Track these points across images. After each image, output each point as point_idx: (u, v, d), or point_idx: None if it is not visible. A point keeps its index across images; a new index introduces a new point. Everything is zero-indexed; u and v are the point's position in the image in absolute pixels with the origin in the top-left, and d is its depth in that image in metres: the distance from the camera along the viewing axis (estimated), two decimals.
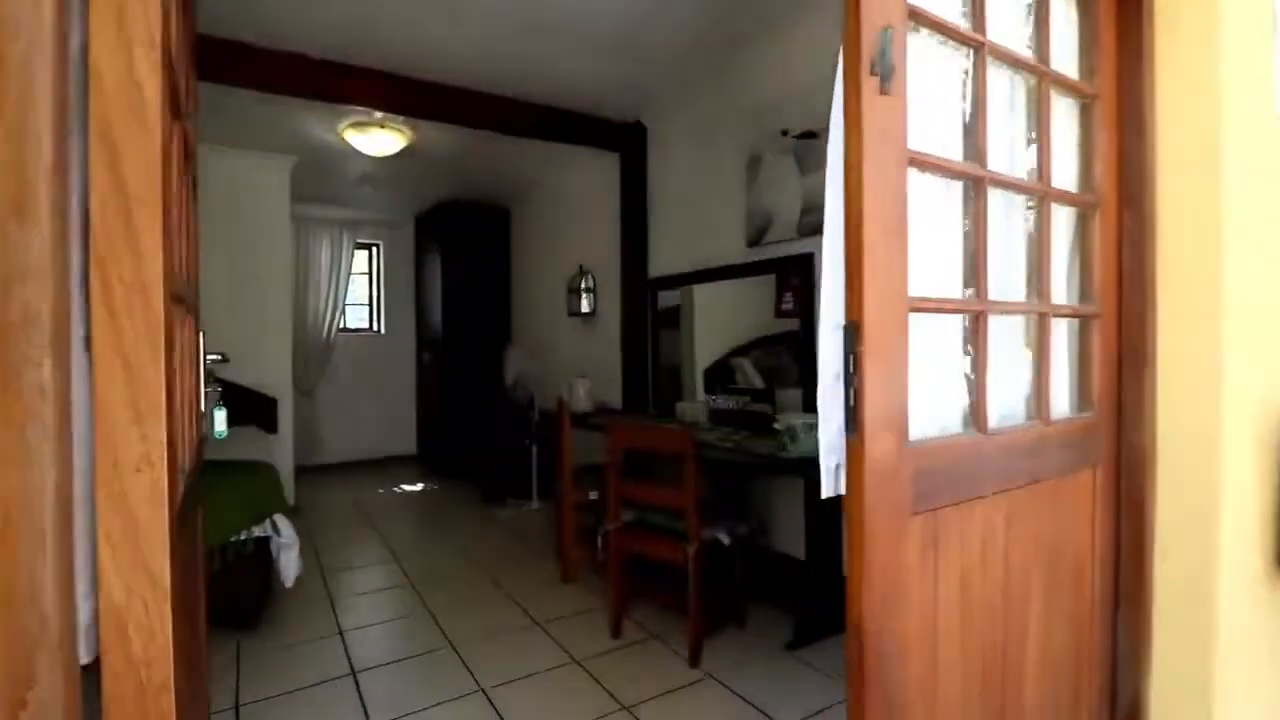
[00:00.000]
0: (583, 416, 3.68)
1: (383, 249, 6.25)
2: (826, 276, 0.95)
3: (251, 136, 4.00)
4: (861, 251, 0.86)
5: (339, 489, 5.22)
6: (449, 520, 4.26)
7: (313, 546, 3.72)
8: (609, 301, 4.25)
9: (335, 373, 5.96)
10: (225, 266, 4.24)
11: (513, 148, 4.28)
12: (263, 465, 2.88)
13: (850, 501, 0.90)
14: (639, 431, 2.50)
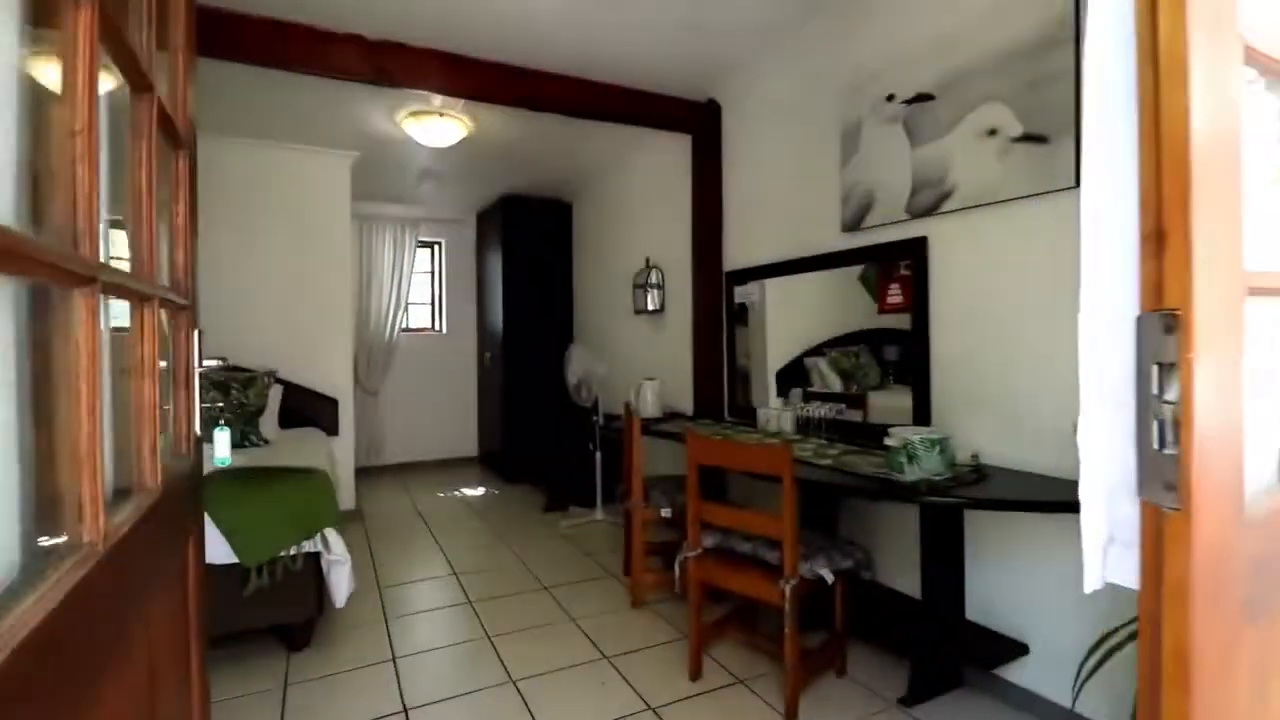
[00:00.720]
0: (651, 423, 3.37)
1: (445, 247, 6.13)
2: (1088, 240, 0.59)
3: (311, 131, 3.89)
4: (1187, 196, 0.51)
5: (400, 492, 5.11)
6: (510, 530, 4.04)
7: (371, 555, 3.56)
8: (679, 297, 3.93)
9: (398, 373, 5.87)
10: (286, 265, 4.16)
11: (575, 135, 4.02)
12: (316, 474, 2.70)
13: (1154, 603, 0.54)
14: (726, 448, 2.16)
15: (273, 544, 2.34)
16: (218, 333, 3.98)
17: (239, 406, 3.57)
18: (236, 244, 4.03)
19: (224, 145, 3.95)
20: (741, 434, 2.89)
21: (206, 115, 3.58)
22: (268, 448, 3.51)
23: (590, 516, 4.20)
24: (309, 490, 2.48)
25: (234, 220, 4.02)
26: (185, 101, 1.04)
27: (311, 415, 4.21)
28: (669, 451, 3.92)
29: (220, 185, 3.97)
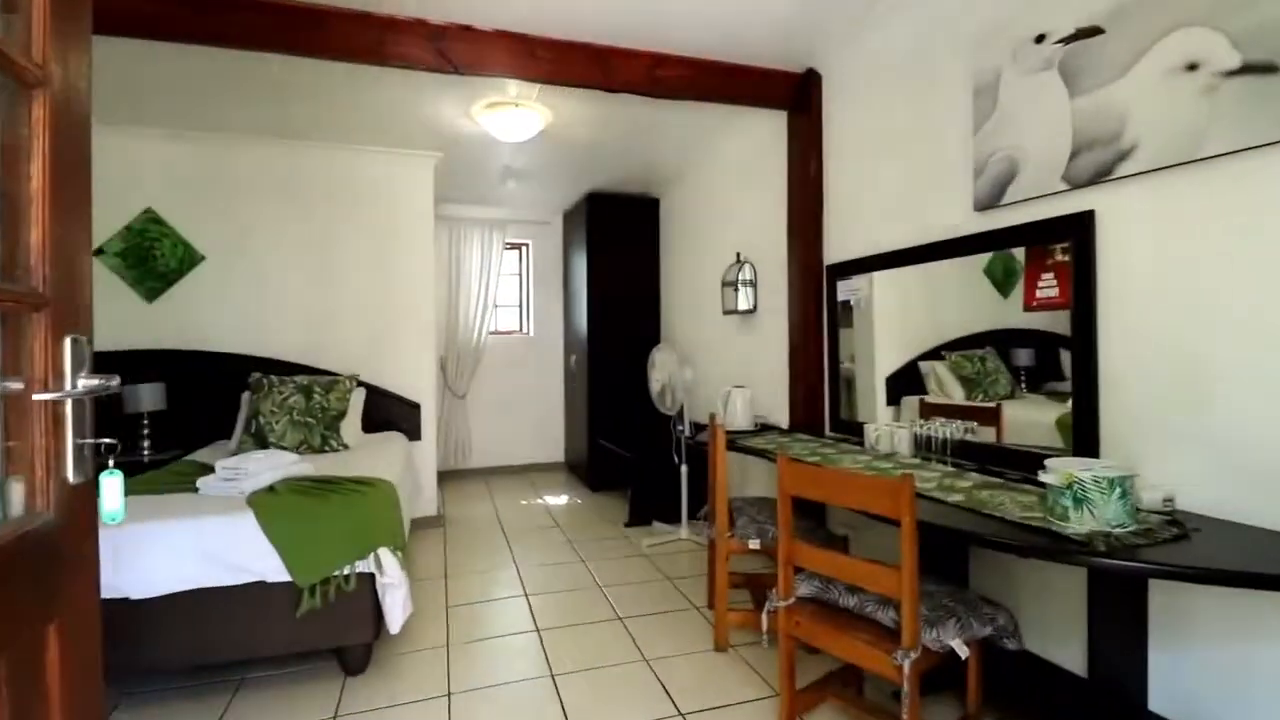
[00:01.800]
0: (740, 436, 3.00)
1: (531, 248, 6.03)
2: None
3: (392, 133, 3.83)
4: None
5: (484, 497, 5.02)
6: (589, 545, 3.79)
7: (445, 567, 3.43)
8: (773, 295, 3.52)
9: (485, 376, 5.82)
10: (369, 269, 4.15)
11: (658, 121, 3.71)
12: (377, 487, 2.56)
13: None
14: (828, 477, 1.76)
15: (324, 563, 2.19)
16: (301, 336, 4.04)
17: (320, 410, 3.55)
18: (319, 248, 4.06)
19: (305, 150, 3.99)
20: (846, 455, 2.45)
21: (287, 121, 3.60)
22: (346, 453, 3.46)
23: (674, 535, 3.87)
24: (364, 506, 2.32)
25: (317, 224, 4.06)
26: (47, 23, 0.79)
27: (394, 419, 4.17)
28: (762, 469, 3.52)
29: (302, 190, 4.02)
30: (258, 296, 3.96)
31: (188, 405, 3.77)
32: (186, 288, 3.85)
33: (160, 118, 3.57)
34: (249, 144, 3.88)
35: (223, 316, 3.90)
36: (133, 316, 3.78)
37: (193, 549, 2.10)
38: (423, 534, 4.06)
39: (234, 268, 3.92)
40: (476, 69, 2.63)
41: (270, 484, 2.50)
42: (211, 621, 2.15)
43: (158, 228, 3.80)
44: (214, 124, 3.67)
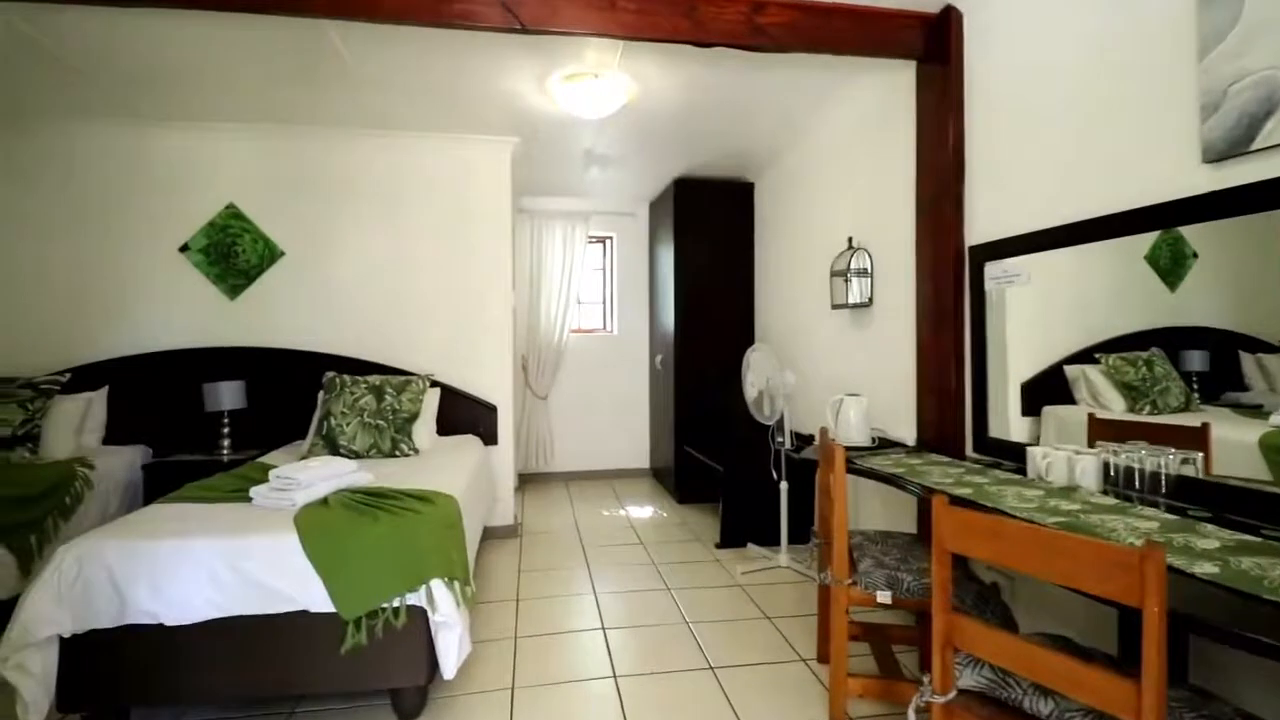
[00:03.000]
0: (856, 454, 2.49)
1: (615, 242, 5.70)
2: None
3: (465, 117, 3.58)
4: None
5: (564, 505, 4.73)
6: (676, 570, 3.38)
7: (517, 586, 3.13)
8: (894, 285, 2.97)
9: (567, 376, 5.55)
10: (444, 264, 3.93)
11: (755, 89, 3.24)
12: (437, 502, 2.27)
13: None
14: (1016, 535, 1.24)
15: (371, 594, 1.91)
16: (376, 334, 3.88)
17: (391, 412, 3.35)
18: (395, 242, 3.88)
19: (378, 140, 3.82)
20: (1006, 487, 1.91)
21: (359, 109, 3.41)
22: (416, 459, 3.24)
23: (772, 561, 3.39)
24: (416, 529, 2.02)
25: (392, 217, 3.89)
26: None
27: (470, 422, 3.93)
28: (878, 493, 2.98)
29: (376, 181, 3.86)
30: (334, 293, 3.84)
31: (267, 404, 3.69)
32: (266, 284, 3.78)
33: (237, 112, 3.49)
34: (322, 136, 3.76)
35: (301, 313, 3.81)
36: (216, 313, 3.75)
37: (231, 572, 1.87)
38: (497, 545, 3.80)
39: (312, 263, 3.81)
40: (547, 25, 2.28)
41: (324, 496, 2.27)
42: (253, 653, 1.92)
43: (239, 223, 3.74)
44: (285, 115, 3.56)
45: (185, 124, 3.61)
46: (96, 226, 3.63)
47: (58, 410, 3.30)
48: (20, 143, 3.55)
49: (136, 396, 3.61)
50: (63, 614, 1.80)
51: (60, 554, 1.84)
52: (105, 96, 3.27)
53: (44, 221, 3.59)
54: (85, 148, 3.60)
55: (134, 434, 3.61)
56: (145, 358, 3.66)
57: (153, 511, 2.17)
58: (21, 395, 3.17)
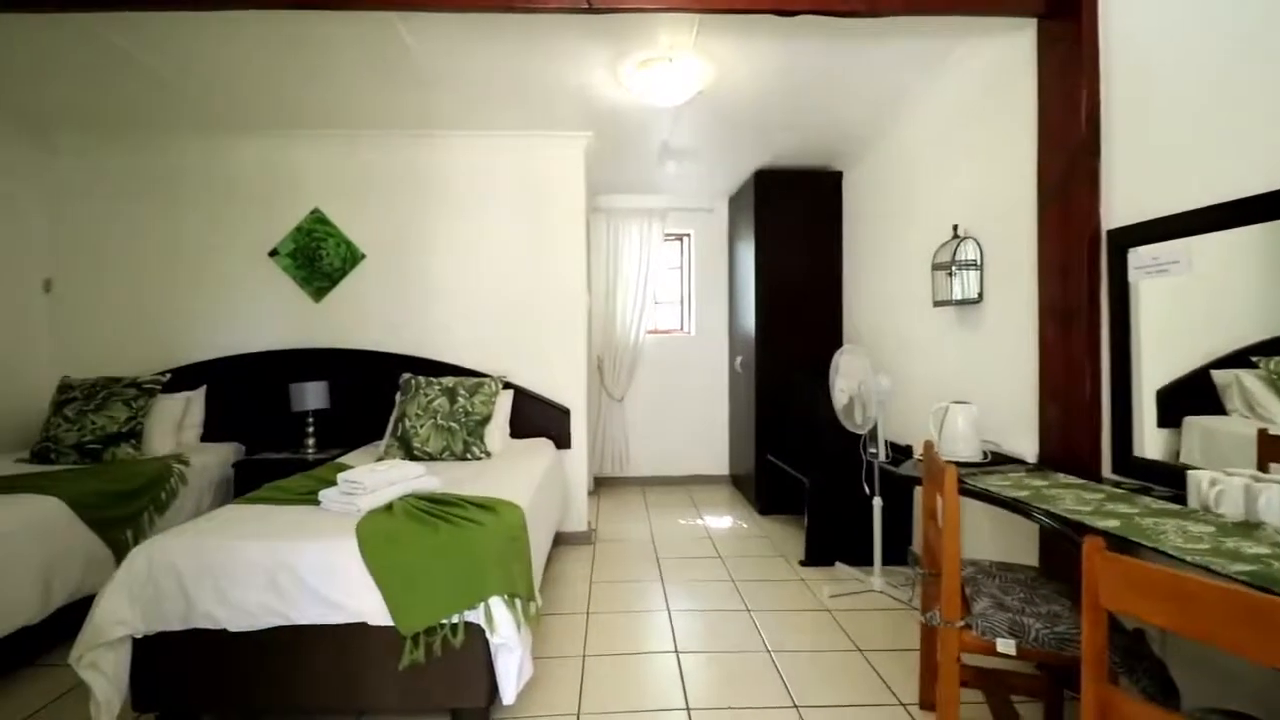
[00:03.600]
0: (966, 471, 2.17)
1: (693, 239, 5.49)
2: None
3: (537, 113, 3.49)
4: None
5: (639, 512, 4.57)
6: (756, 588, 3.14)
7: (588, 599, 2.99)
8: (1008, 278, 2.60)
9: (644, 378, 5.40)
10: (516, 263, 3.86)
11: (845, 66, 2.95)
12: (500, 513, 2.15)
13: None
14: (1215, 598, 0.94)
15: (429, 609, 1.81)
16: (452, 336, 3.86)
17: (464, 415, 3.30)
18: (468, 242, 3.86)
19: (449, 141, 3.80)
20: (1163, 520, 1.56)
21: (430, 110, 3.38)
22: (487, 462, 3.17)
23: (864, 584, 3.09)
24: (476, 542, 1.91)
25: (463, 219, 3.86)
26: None
27: (543, 425, 3.85)
28: (990, 515, 2.62)
29: (449, 182, 3.84)
30: (412, 294, 3.86)
31: (350, 404, 3.76)
32: (349, 286, 3.85)
33: (317, 118, 3.57)
34: (398, 139, 3.79)
35: (380, 315, 3.85)
36: (303, 316, 3.85)
37: (291, 579, 1.82)
38: (570, 552, 3.69)
39: (390, 266, 3.85)
40: (616, 2, 2.12)
41: (389, 502, 2.21)
42: (314, 665, 1.87)
43: (324, 228, 3.83)
44: (362, 120, 3.60)
45: (271, 132, 3.73)
46: (194, 234, 3.81)
47: (159, 409, 3.47)
48: (123, 157, 3.78)
49: (231, 396, 3.77)
50: (134, 614, 1.80)
51: (133, 554, 1.86)
52: (195, 108, 3.41)
53: (147, 230, 3.80)
54: (181, 159, 3.78)
55: (229, 432, 3.77)
56: (238, 358, 3.80)
57: (226, 513, 2.18)
58: (127, 394, 3.35)
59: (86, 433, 3.19)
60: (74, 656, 1.76)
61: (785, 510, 4.38)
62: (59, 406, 3.29)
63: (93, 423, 3.22)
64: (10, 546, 2.22)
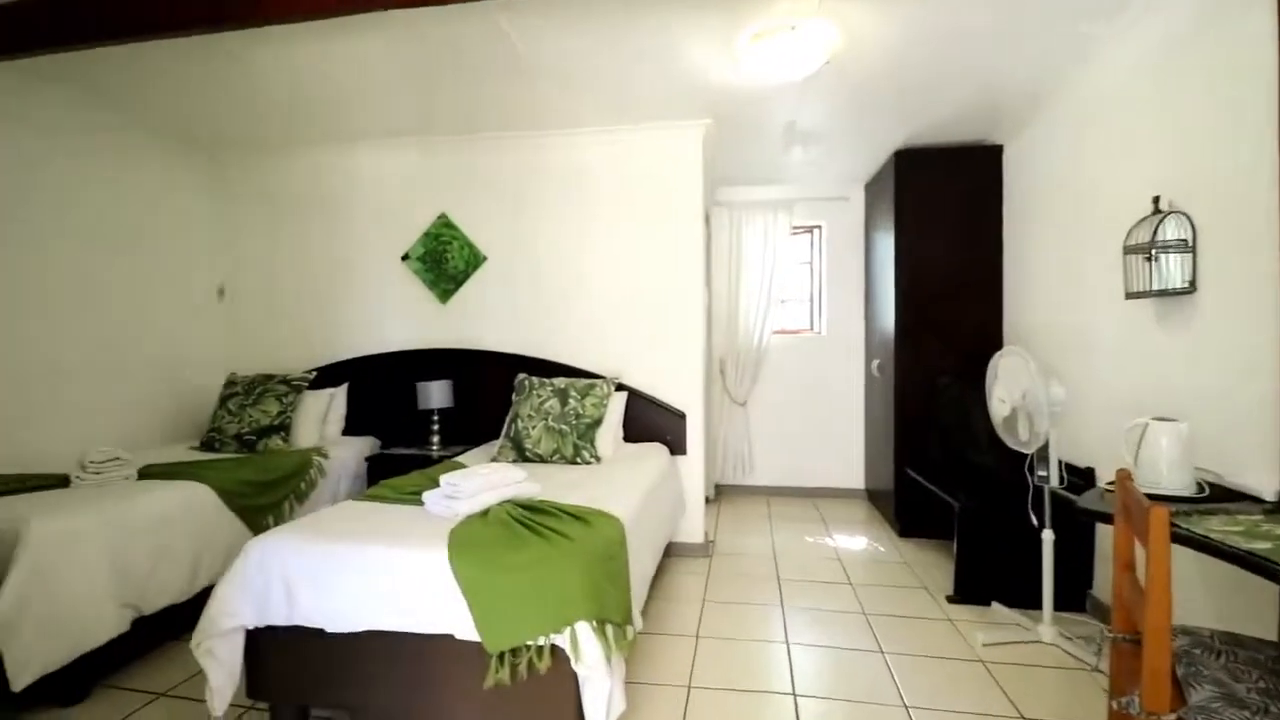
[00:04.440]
0: (1175, 508, 1.68)
1: (824, 232, 5.06)
2: None
3: (650, 103, 3.32)
4: None
5: (761, 524, 4.26)
6: (893, 626, 2.74)
7: (699, 619, 2.77)
8: (1234, 262, 2.02)
9: (769, 381, 5.07)
10: (628, 262, 3.72)
11: (1005, 17, 2.47)
12: (596, 526, 1.99)
13: None
14: None
15: (514, 629, 1.69)
16: (566, 336, 3.81)
17: (574, 417, 3.21)
18: (581, 243, 3.78)
19: (561, 140, 3.74)
20: None
21: (539, 109, 3.31)
22: (597, 467, 3.05)
23: (1029, 632, 2.58)
24: (564, 559, 1.76)
25: (578, 218, 3.79)
26: None
27: (657, 429, 3.68)
28: (1200, 563, 2.05)
29: (562, 181, 3.79)
30: (528, 294, 3.86)
31: (472, 403, 3.83)
32: (471, 288, 3.93)
33: (440, 124, 3.67)
34: (514, 141, 3.81)
35: (500, 315, 3.90)
36: (431, 317, 3.99)
37: (384, 583, 1.78)
38: (684, 564, 3.49)
39: (509, 267, 3.88)
40: None
41: (487, 507, 2.13)
42: (405, 674, 1.82)
43: (449, 231, 3.94)
44: (480, 124, 3.66)
45: (403, 141, 3.90)
46: (338, 241, 4.09)
47: (306, 404, 3.74)
48: (279, 172, 4.13)
49: (368, 393, 3.99)
50: (246, 607, 1.86)
51: (246, 548, 1.92)
52: (334, 123, 3.64)
53: (300, 239, 4.13)
54: (330, 173, 4.07)
55: (367, 427, 3.99)
56: (375, 358, 4.02)
57: (338, 510, 2.22)
58: (278, 390, 3.64)
59: (244, 424, 3.50)
60: (194, 642, 1.85)
61: (930, 533, 3.86)
62: (224, 400, 3.65)
63: (250, 415, 3.53)
64: (164, 529, 2.43)
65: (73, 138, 3.28)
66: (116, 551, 2.23)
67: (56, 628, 2.02)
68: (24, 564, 1.98)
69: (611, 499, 2.35)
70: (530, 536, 1.85)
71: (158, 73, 3.02)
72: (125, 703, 2.16)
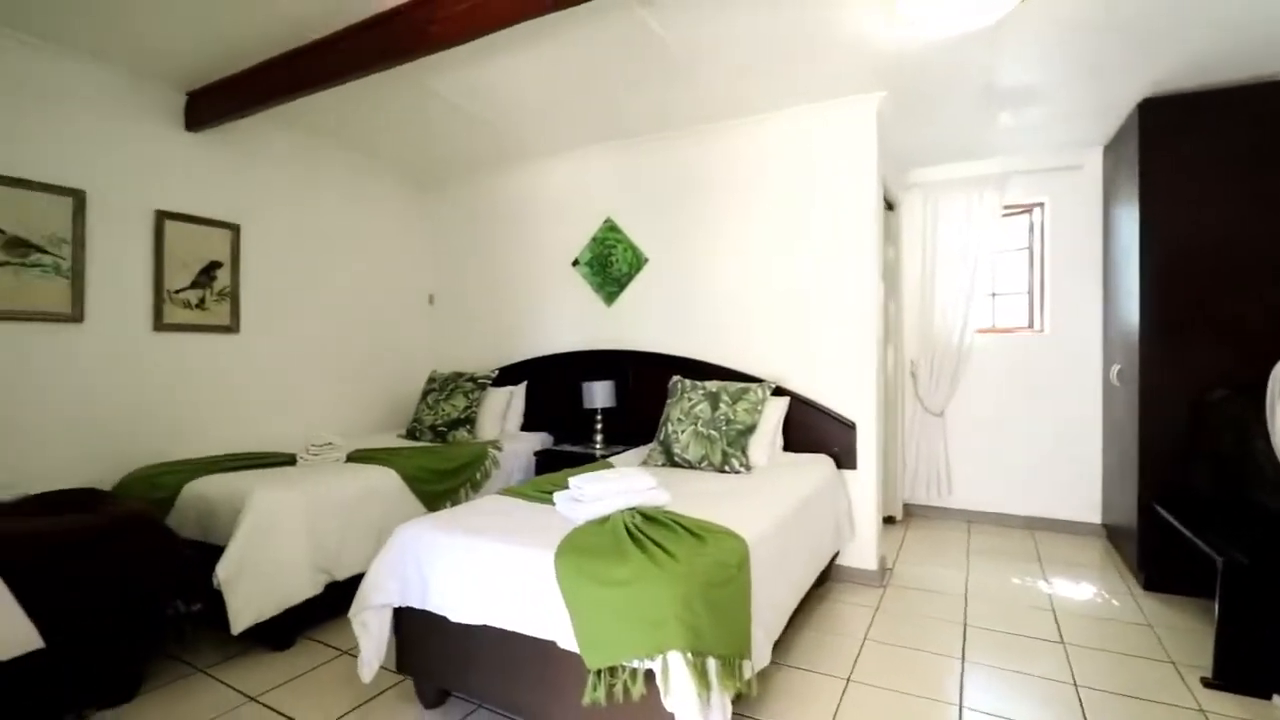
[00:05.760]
0: None
1: (1047, 210, 4.21)
2: None
3: (810, 78, 3.01)
4: None
5: (955, 554, 3.67)
6: (1118, 710, 2.14)
7: (853, 662, 2.43)
8: None
9: (971, 388, 4.37)
10: (794, 256, 3.43)
11: None
12: (709, 543, 1.83)
13: None
14: None
15: (611, 647, 1.60)
16: (723, 336, 3.63)
17: (725, 422, 3.04)
18: (736, 239, 3.58)
19: (717, 132, 3.58)
20: None
21: (694, 101, 3.19)
22: (747, 476, 2.85)
23: None
24: (660, 578, 1.62)
25: (736, 212, 3.59)
26: None
27: (822, 439, 3.35)
28: None
29: (718, 177, 3.61)
30: (687, 294, 3.77)
31: (633, 404, 3.86)
32: (634, 290, 3.96)
33: (601, 132, 3.76)
34: (671, 139, 3.75)
35: (660, 316, 3.87)
36: (597, 319, 4.10)
37: (498, 580, 1.82)
38: (848, 593, 3.12)
39: (669, 267, 3.84)
40: None
41: (608, 514, 2.08)
42: (515, 671, 1.84)
43: (614, 235, 4.01)
44: (637, 126, 3.66)
45: (572, 152, 4.08)
46: (519, 250, 4.40)
47: (489, 400, 4.07)
48: (474, 191, 4.56)
49: (542, 392, 4.23)
50: (392, 586, 2.02)
51: (396, 531, 2.09)
52: (514, 142, 3.92)
53: (491, 250, 4.53)
54: (517, 188, 4.40)
55: (542, 424, 4.23)
56: (548, 358, 4.25)
57: (480, 503, 2.34)
58: (466, 387, 4.01)
59: (438, 417, 3.91)
60: (352, 612, 2.06)
61: (1188, 590, 2.99)
62: (424, 395, 4.12)
63: (442, 409, 3.94)
64: (355, 507, 2.78)
65: (305, 170, 3.94)
66: (315, 523, 2.60)
67: (267, 584, 2.41)
68: (245, 528, 2.39)
69: (744, 515, 2.16)
70: (633, 550, 1.75)
71: (367, 110, 3.49)
72: (320, 654, 2.50)
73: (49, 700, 1.93)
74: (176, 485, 2.71)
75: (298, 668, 2.40)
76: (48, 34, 2.67)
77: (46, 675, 1.88)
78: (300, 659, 2.47)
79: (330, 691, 2.22)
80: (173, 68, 2.98)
